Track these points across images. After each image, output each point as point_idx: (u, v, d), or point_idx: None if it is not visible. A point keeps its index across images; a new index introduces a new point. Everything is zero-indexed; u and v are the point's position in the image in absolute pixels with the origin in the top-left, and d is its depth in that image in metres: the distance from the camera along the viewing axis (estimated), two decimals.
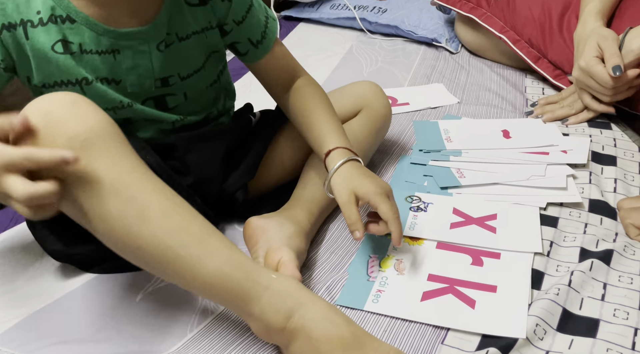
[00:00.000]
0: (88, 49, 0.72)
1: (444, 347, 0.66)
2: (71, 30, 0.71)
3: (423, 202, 0.90)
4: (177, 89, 0.80)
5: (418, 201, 0.90)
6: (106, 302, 0.75)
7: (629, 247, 0.79)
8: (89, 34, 0.72)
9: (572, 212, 0.88)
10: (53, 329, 0.71)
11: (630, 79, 1.02)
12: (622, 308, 0.69)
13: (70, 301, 0.76)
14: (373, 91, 0.97)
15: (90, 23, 0.71)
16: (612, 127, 1.10)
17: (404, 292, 0.74)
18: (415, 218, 0.87)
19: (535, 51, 1.30)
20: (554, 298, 0.70)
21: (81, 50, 0.72)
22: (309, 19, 1.79)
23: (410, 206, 0.89)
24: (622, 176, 0.96)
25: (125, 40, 0.73)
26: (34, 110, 0.58)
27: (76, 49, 0.72)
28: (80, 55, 0.72)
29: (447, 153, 1.02)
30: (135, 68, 0.75)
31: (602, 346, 0.65)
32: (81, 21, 0.71)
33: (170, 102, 0.81)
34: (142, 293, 0.76)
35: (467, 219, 0.86)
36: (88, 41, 0.72)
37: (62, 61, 0.71)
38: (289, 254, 0.73)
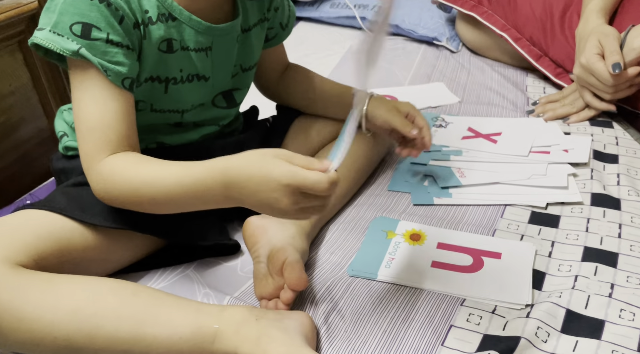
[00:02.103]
0: (187, 46, 0.74)
1: (443, 349, 0.66)
2: (174, 28, 0.72)
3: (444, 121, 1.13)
4: (241, 82, 0.83)
5: (441, 120, 1.13)
6: None
7: (635, 245, 0.79)
8: (189, 32, 0.73)
9: (574, 209, 0.87)
10: None
11: (630, 77, 1.02)
12: (628, 308, 0.69)
13: None
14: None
15: (193, 21, 0.73)
16: (613, 126, 1.09)
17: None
18: (436, 132, 1.08)
19: (536, 49, 1.29)
20: (557, 300, 0.69)
21: (181, 48, 0.73)
22: (309, 17, 1.78)
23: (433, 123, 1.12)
24: (625, 171, 0.95)
25: (220, 36, 0.76)
26: None
27: (177, 46, 0.73)
28: (180, 53, 0.73)
29: (448, 152, 1.02)
30: (223, 63, 0.78)
31: (607, 347, 0.64)
32: (183, 19, 0.72)
33: (237, 97, 0.84)
34: None
35: (476, 134, 1.04)
36: (187, 38, 0.73)
37: (163, 59, 0.72)
38: (294, 254, 0.72)
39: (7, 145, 1.09)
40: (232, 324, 0.62)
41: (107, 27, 0.66)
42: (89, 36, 0.65)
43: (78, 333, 0.59)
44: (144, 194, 0.65)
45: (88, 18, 0.65)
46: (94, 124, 0.66)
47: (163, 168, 0.65)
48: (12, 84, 1.09)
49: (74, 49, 0.65)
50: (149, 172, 0.65)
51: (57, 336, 0.59)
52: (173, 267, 0.79)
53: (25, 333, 0.58)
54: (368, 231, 0.85)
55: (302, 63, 0.91)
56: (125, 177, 0.65)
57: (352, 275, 0.77)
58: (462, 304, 0.72)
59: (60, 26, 0.65)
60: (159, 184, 0.64)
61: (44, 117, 1.17)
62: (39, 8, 1.11)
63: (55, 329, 0.59)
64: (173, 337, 0.61)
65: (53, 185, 1.06)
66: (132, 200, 0.66)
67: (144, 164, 0.66)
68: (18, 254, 0.62)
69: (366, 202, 0.93)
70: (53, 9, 0.66)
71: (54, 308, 0.59)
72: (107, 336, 0.60)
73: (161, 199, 0.65)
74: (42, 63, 1.15)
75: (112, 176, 0.66)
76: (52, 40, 0.65)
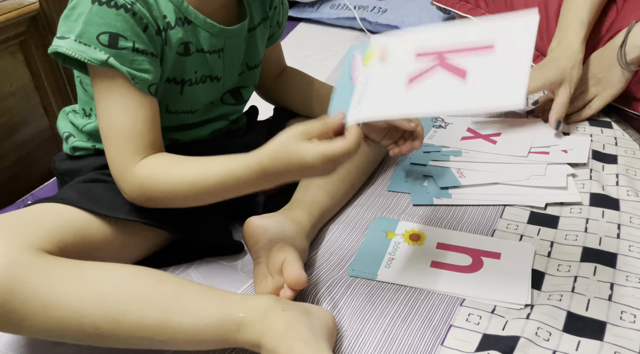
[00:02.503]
0: (202, 48, 0.75)
1: (443, 348, 0.66)
2: (190, 31, 0.73)
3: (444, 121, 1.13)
4: (248, 79, 0.85)
5: (441, 121, 1.13)
6: None
7: (634, 246, 0.79)
8: (203, 34, 0.74)
9: (573, 209, 0.88)
10: None
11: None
12: (629, 310, 0.69)
13: None
14: None
15: (207, 24, 0.74)
16: (612, 126, 1.09)
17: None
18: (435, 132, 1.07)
19: (534, 49, 1.29)
20: (557, 303, 0.70)
21: (197, 51, 0.75)
22: (309, 19, 1.78)
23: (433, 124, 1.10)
24: (624, 171, 0.96)
25: (231, 37, 0.78)
26: None
27: (193, 49, 0.74)
28: (196, 55, 0.75)
29: (447, 153, 1.02)
30: (232, 63, 0.80)
31: (609, 348, 0.64)
32: (198, 22, 0.74)
33: (245, 94, 0.85)
34: None
35: (475, 135, 1.05)
36: (203, 41, 0.75)
37: (180, 61, 0.74)
38: (293, 253, 0.73)
39: (8, 145, 1.10)
40: (257, 313, 0.62)
41: (133, 36, 0.67)
42: (116, 46, 0.66)
43: (104, 320, 0.59)
44: (187, 192, 0.68)
45: (114, 28, 0.66)
46: (126, 132, 0.68)
47: (204, 167, 0.68)
48: (13, 84, 1.10)
49: (102, 58, 0.66)
50: (191, 171, 0.68)
51: (83, 322, 0.58)
52: (174, 266, 0.80)
53: (51, 319, 0.58)
54: (368, 231, 0.86)
55: (302, 64, 0.92)
56: (169, 178, 0.68)
57: (352, 275, 0.77)
58: (462, 304, 0.72)
59: (87, 36, 0.66)
60: (203, 183, 0.67)
61: (45, 118, 1.17)
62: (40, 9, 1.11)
63: (81, 315, 0.58)
64: (198, 325, 0.61)
65: (54, 185, 1.06)
66: (172, 198, 0.69)
67: (183, 164, 0.69)
68: (43, 241, 0.62)
69: (366, 203, 0.93)
70: (75, 18, 0.67)
71: (80, 294, 0.59)
72: (132, 323, 0.59)
73: (204, 195, 0.68)
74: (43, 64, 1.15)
75: (153, 177, 0.68)
76: (78, 50, 0.66)
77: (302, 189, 0.87)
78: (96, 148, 0.79)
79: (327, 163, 0.62)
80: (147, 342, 0.61)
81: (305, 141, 0.62)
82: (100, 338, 0.60)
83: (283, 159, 0.63)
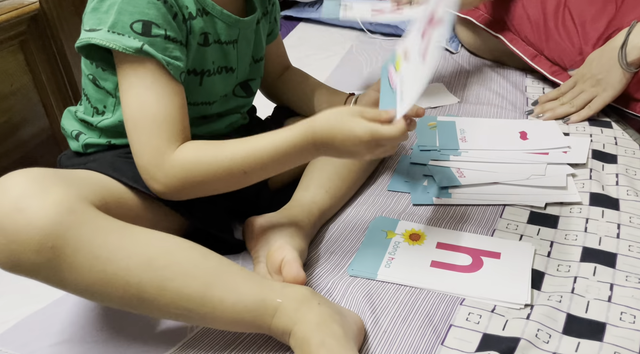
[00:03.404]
0: (219, 39, 0.76)
1: (443, 348, 0.66)
2: (208, 22, 0.74)
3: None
4: (255, 72, 0.86)
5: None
6: None
7: (634, 245, 0.79)
8: (220, 25, 0.76)
9: (573, 209, 0.88)
10: (53, 329, 0.71)
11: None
12: (628, 311, 0.69)
13: (70, 301, 0.76)
14: None
15: (224, 14, 0.75)
16: (612, 126, 1.10)
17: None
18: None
19: (532, 49, 1.30)
20: (557, 305, 0.70)
21: (214, 41, 0.76)
22: (309, 18, 1.78)
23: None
24: (624, 171, 0.96)
25: (245, 28, 0.79)
26: None
27: (211, 40, 0.75)
28: (214, 46, 0.76)
29: (447, 153, 1.02)
30: (245, 54, 0.81)
31: (609, 349, 0.64)
32: (215, 13, 0.75)
33: (253, 86, 0.86)
34: None
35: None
36: (220, 32, 0.76)
37: (201, 52, 0.74)
38: (292, 252, 0.73)
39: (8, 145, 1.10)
40: (293, 301, 0.63)
41: (165, 24, 0.68)
42: (149, 33, 0.67)
43: (149, 283, 0.59)
44: (239, 169, 0.69)
45: (147, 16, 0.67)
46: (160, 118, 0.68)
47: (252, 142, 0.69)
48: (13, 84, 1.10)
49: (137, 46, 0.66)
50: (240, 148, 0.69)
51: (129, 282, 0.58)
52: None
53: (99, 273, 0.58)
54: (368, 231, 0.86)
55: (302, 64, 0.92)
56: (219, 157, 0.69)
57: (352, 275, 0.78)
58: (462, 303, 0.72)
59: (120, 25, 0.66)
60: (255, 156, 0.68)
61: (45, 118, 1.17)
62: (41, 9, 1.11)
63: (128, 274, 0.58)
64: (238, 305, 0.62)
65: None
66: (222, 177, 0.69)
67: (229, 143, 0.70)
68: (93, 198, 0.62)
69: (366, 202, 0.93)
70: (105, 9, 0.67)
71: (130, 253, 0.59)
72: (175, 291, 0.60)
73: (256, 170, 0.69)
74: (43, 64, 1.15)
75: (200, 159, 0.69)
76: (112, 39, 0.66)
77: (302, 189, 0.87)
78: (111, 144, 0.79)
79: (371, 142, 0.65)
80: (185, 314, 0.61)
81: (359, 117, 0.66)
82: (141, 302, 0.60)
83: (336, 128, 0.66)
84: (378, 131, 0.65)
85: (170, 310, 0.61)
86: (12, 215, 0.55)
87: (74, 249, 0.57)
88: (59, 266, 0.57)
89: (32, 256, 0.56)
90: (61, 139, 1.15)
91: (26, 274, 0.58)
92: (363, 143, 0.66)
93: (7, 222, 0.55)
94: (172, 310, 0.61)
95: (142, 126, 0.68)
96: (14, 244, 0.55)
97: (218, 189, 0.72)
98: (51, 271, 0.57)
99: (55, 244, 0.56)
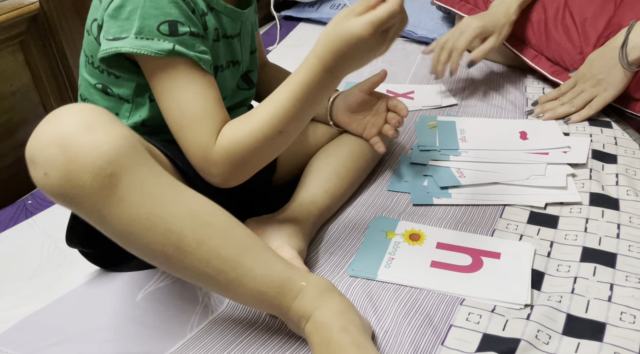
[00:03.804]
0: (226, 33, 0.76)
1: (443, 348, 0.66)
2: (215, 18, 0.74)
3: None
4: (252, 64, 0.86)
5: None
6: (106, 302, 0.75)
7: (633, 245, 0.79)
8: (225, 20, 0.76)
9: (573, 209, 0.88)
10: (53, 329, 0.71)
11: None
12: (628, 311, 0.69)
13: (70, 301, 0.76)
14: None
15: (227, 9, 0.76)
16: (612, 126, 1.10)
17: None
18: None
19: (532, 49, 1.30)
20: (557, 305, 0.70)
21: (223, 36, 0.76)
22: (309, 19, 1.78)
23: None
24: (623, 171, 0.96)
25: (246, 21, 0.79)
26: (52, 140, 0.55)
27: (220, 35, 0.75)
28: (223, 41, 0.76)
29: (447, 153, 1.02)
30: (246, 47, 0.82)
31: (609, 349, 0.64)
32: (220, 8, 0.75)
33: (253, 78, 0.86)
34: (142, 293, 0.76)
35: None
36: (226, 26, 0.76)
37: (214, 48, 0.74)
38: (291, 251, 0.73)
39: (8, 145, 1.09)
40: (316, 288, 0.63)
41: (187, 21, 0.68)
42: (177, 33, 0.67)
43: (190, 235, 0.59)
44: (272, 130, 0.68)
45: (171, 15, 0.67)
46: (201, 115, 0.68)
47: (271, 100, 0.69)
48: (13, 84, 1.10)
49: (168, 48, 0.66)
50: (264, 111, 0.68)
51: (171, 229, 0.58)
52: None
53: (145, 212, 0.57)
54: (368, 231, 0.86)
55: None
56: (250, 128, 0.68)
57: (352, 275, 0.78)
58: (462, 303, 0.72)
59: (147, 30, 0.66)
60: (280, 110, 0.67)
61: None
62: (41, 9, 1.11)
63: (173, 221, 0.58)
64: (266, 277, 0.62)
65: None
66: (262, 146, 0.69)
67: (253, 112, 0.70)
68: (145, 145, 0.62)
69: (366, 202, 0.93)
70: (126, 16, 0.66)
71: (178, 202, 0.59)
72: (212, 249, 0.60)
73: (288, 124, 0.68)
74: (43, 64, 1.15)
75: (236, 138, 0.68)
76: (142, 46, 0.66)
77: (301, 189, 0.87)
78: None
79: (375, 32, 0.62)
80: (214, 276, 0.60)
81: (352, 17, 0.63)
82: (177, 252, 0.59)
83: (336, 41, 0.64)
84: (376, 17, 0.62)
85: (201, 268, 0.60)
86: (80, 135, 0.55)
87: (129, 182, 0.56)
88: (109, 197, 0.56)
89: (88, 179, 0.54)
90: None
91: (72, 199, 0.56)
92: (370, 37, 0.63)
93: (74, 141, 0.54)
94: (203, 268, 0.60)
95: (185, 126, 0.69)
96: (74, 163, 0.54)
97: (267, 157, 0.72)
98: (99, 201, 0.56)
99: (114, 172, 0.55)
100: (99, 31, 0.70)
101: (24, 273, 0.82)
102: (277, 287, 0.62)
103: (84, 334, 0.70)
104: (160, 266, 0.62)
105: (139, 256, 0.61)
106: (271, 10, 1.77)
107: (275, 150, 0.72)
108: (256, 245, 0.63)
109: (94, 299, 0.76)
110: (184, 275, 0.62)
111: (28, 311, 0.74)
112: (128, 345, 0.69)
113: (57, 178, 0.54)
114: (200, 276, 0.61)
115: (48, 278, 0.81)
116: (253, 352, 0.67)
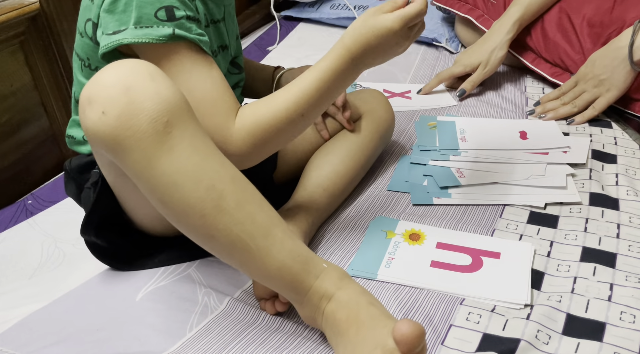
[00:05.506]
0: (214, 19, 0.76)
1: (443, 348, 0.66)
2: (202, 3, 0.73)
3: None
4: (238, 49, 0.86)
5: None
6: (106, 301, 0.75)
7: (633, 245, 0.79)
8: (210, 5, 0.76)
9: (572, 209, 0.88)
10: (53, 329, 0.71)
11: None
12: (628, 311, 0.69)
13: (70, 301, 0.76)
14: (375, 96, 1.00)
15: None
16: (612, 126, 1.10)
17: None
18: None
19: (531, 51, 1.30)
20: (556, 305, 0.70)
21: (211, 21, 0.76)
22: (309, 19, 1.78)
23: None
24: (623, 171, 0.96)
25: (228, 5, 0.80)
26: (115, 82, 0.57)
27: (209, 20, 0.75)
28: (212, 26, 0.76)
29: (447, 153, 1.02)
30: (232, 31, 0.82)
31: (609, 349, 0.64)
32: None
33: (240, 62, 0.86)
34: (142, 292, 0.76)
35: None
36: (212, 11, 0.76)
37: (207, 34, 0.74)
38: None
39: (8, 145, 1.09)
40: (336, 272, 0.65)
41: (182, 5, 0.68)
42: (174, 17, 0.67)
43: (231, 195, 0.60)
44: (295, 112, 0.70)
45: (166, 1, 0.67)
46: (213, 96, 0.69)
47: (296, 83, 0.70)
48: (13, 84, 1.10)
49: (169, 32, 0.66)
50: (288, 93, 0.70)
51: (214, 186, 0.59)
52: (175, 266, 0.80)
53: (193, 164, 0.58)
54: (368, 231, 0.86)
55: (302, 64, 0.91)
56: (273, 110, 0.70)
57: (352, 275, 0.78)
58: (462, 303, 0.72)
59: (145, 18, 0.66)
60: (304, 94, 0.70)
61: (45, 118, 1.17)
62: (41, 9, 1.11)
63: (217, 178, 0.60)
64: (294, 252, 0.63)
65: (54, 185, 1.06)
66: (284, 127, 0.70)
67: (276, 94, 0.71)
68: None
69: (366, 202, 0.93)
70: (123, 9, 0.66)
71: (221, 163, 0.61)
72: (249, 213, 0.61)
73: (310, 107, 0.70)
74: (43, 64, 1.15)
75: (258, 119, 0.69)
76: (142, 34, 0.66)
77: (300, 188, 0.87)
78: None
79: (404, 27, 0.68)
80: (247, 241, 0.61)
81: (382, 14, 0.68)
82: (215, 210, 0.59)
83: (366, 34, 0.68)
84: (407, 13, 0.68)
85: (235, 231, 0.60)
86: (144, 81, 0.57)
87: (181, 133, 0.58)
88: (161, 143, 0.57)
89: (145, 122, 0.56)
90: (61, 140, 1.15)
91: (123, 142, 0.57)
92: (398, 32, 0.68)
93: (137, 84, 0.57)
94: (237, 231, 0.60)
95: (198, 109, 0.68)
96: (134, 105, 0.56)
97: (287, 139, 0.74)
98: (150, 147, 0.57)
99: (170, 121, 0.57)
100: (94, 30, 0.70)
101: (24, 273, 0.82)
102: (303, 263, 0.63)
103: (83, 334, 0.70)
104: (191, 229, 0.62)
105: (172, 216, 0.61)
106: (271, 10, 1.76)
107: (295, 132, 0.73)
108: (283, 223, 0.65)
109: (93, 299, 0.76)
110: (214, 241, 0.61)
111: (28, 311, 0.74)
112: (128, 345, 0.68)
113: (114, 117, 0.56)
114: (232, 242, 0.61)
115: (48, 277, 0.81)
116: (252, 351, 0.67)
